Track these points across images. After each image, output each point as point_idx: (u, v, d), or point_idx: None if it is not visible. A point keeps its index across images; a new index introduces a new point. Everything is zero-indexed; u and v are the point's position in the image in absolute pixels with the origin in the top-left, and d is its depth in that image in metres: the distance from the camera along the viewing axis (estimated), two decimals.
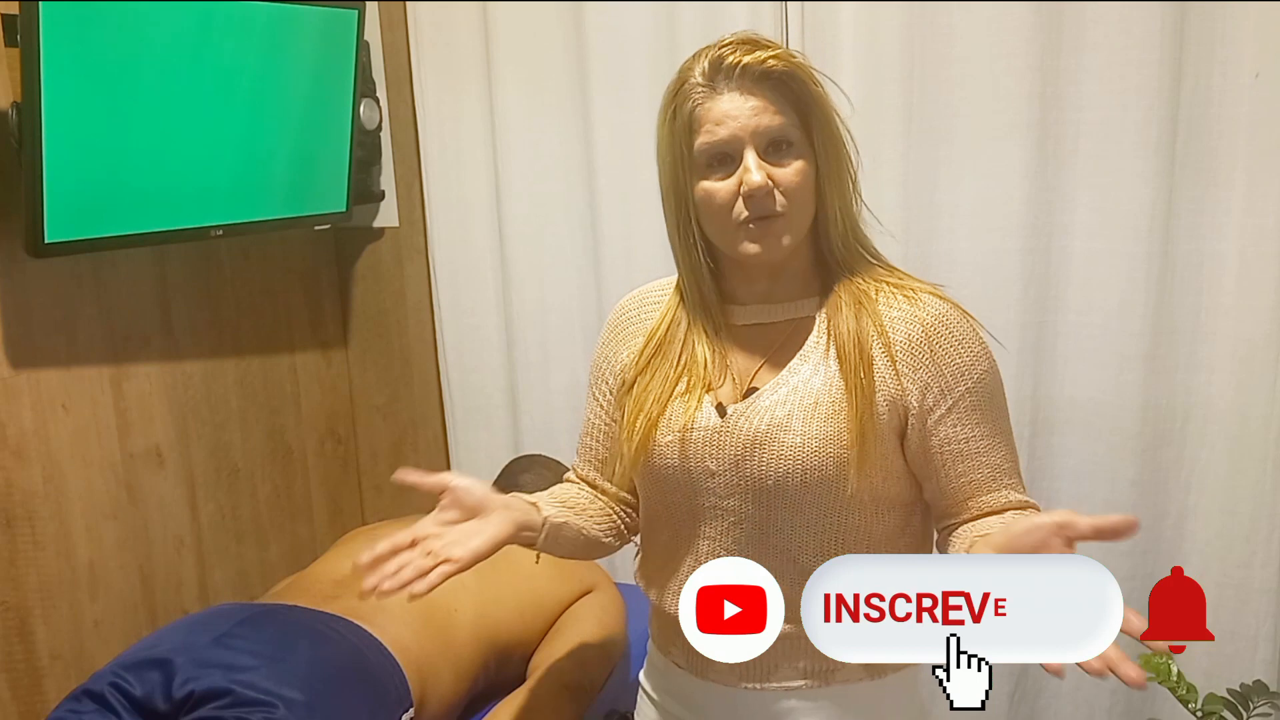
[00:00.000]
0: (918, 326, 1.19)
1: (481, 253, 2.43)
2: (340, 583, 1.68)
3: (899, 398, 1.18)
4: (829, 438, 1.17)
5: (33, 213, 1.74)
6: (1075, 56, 1.89)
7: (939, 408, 1.19)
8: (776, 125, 1.15)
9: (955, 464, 1.20)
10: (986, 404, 1.20)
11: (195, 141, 1.99)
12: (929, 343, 1.18)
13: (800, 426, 1.18)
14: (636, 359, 1.30)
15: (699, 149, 1.17)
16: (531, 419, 2.45)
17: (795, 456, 1.17)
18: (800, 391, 1.19)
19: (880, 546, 1.23)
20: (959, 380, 1.19)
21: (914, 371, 1.18)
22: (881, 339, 1.19)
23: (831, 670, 1.23)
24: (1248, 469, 1.89)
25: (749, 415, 1.20)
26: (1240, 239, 1.84)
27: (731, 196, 1.16)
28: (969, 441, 1.19)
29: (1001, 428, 1.22)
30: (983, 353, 1.21)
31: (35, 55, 1.67)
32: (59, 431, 1.96)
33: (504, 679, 1.71)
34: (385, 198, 2.53)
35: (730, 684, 1.27)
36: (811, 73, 1.18)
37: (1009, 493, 1.21)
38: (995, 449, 1.21)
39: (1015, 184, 1.96)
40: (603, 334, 1.38)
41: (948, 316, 1.20)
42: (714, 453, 1.21)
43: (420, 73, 2.39)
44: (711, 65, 1.16)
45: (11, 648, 1.88)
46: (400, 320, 2.60)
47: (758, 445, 1.19)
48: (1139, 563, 1.98)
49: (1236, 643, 1.92)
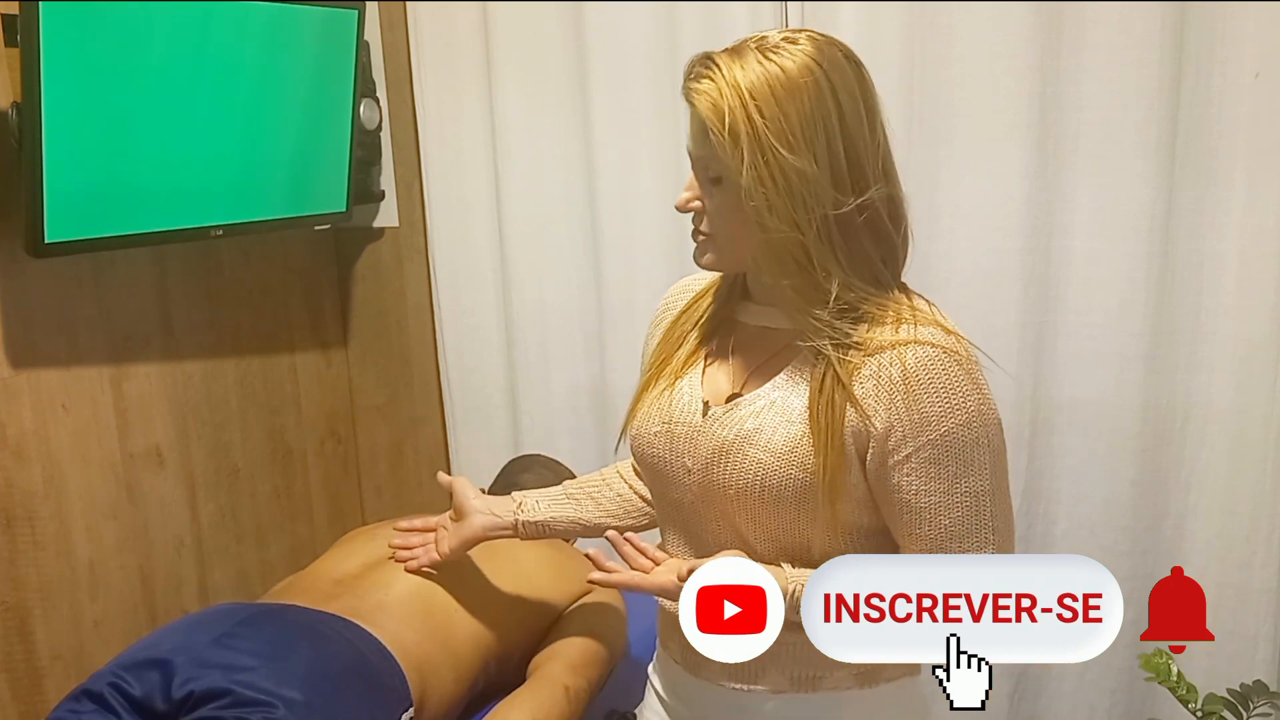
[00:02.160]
0: (899, 366, 1.12)
1: (481, 253, 2.43)
2: (340, 582, 1.68)
3: (864, 431, 1.14)
4: (792, 459, 1.15)
5: (33, 213, 1.74)
6: (1075, 56, 1.89)
7: (896, 454, 1.13)
8: (699, 154, 1.15)
9: (901, 515, 1.16)
10: (951, 459, 1.12)
11: (195, 141, 1.98)
12: (907, 384, 1.11)
13: (765, 441, 1.16)
14: (657, 344, 1.32)
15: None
16: (531, 419, 2.45)
17: (757, 471, 1.16)
18: (776, 407, 1.18)
19: None
20: (924, 429, 1.11)
21: (884, 409, 1.12)
22: (871, 371, 1.13)
23: (819, 677, 1.22)
24: (1248, 469, 1.89)
25: (725, 421, 1.20)
26: (1240, 239, 1.84)
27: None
28: (917, 495, 1.13)
29: (965, 489, 1.13)
30: (961, 406, 1.12)
31: (35, 55, 1.67)
32: (59, 431, 1.96)
33: (504, 679, 1.71)
34: (385, 198, 2.53)
35: (720, 683, 1.27)
36: (725, 135, 1.09)
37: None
38: (947, 510, 1.13)
39: (1015, 184, 1.96)
40: (650, 327, 1.39)
41: (935, 362, 1.12)
42: (692, 450, 1.21)
43: (420, 73, 2.39)
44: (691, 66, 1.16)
45: (11, 648, 1.88)
46: (400, 320, 2.60)
47: (725, 452, 1.18)
48: (1139, 563, 1.98)
49: (1236, 643, 1.92)
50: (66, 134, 1.75)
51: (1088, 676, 2.04)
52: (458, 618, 1.66)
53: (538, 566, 1.79)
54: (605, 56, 2.21)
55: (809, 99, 1.10)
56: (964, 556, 1.18)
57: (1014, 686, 2.10)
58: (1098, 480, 2.01)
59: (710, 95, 1.10)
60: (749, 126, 1.09)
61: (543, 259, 2.37)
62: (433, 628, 1.62)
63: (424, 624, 1.62)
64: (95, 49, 1.77)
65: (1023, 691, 2.10)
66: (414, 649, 1.57)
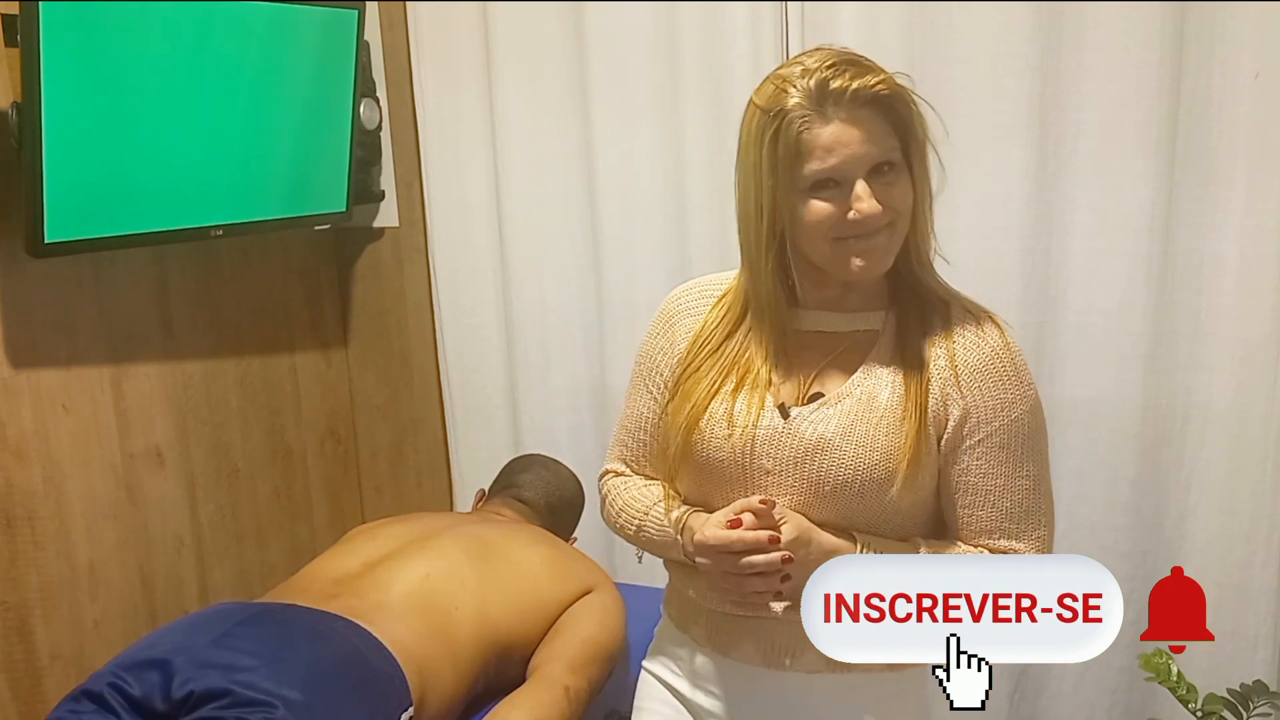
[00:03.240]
0: (979, 352, 1.22)
1: (481, 253, 2.43)
2: (340, 581, 1.68)
3: (942, 416, 1.21)
4: (889, 450, 1.20)
5: (33, 213, 1.74)
6: (1075, 56, 1.89)
7: (971, 437, 1.21)
8: (883, 151, 1.18)
9: (964, 496, 1.23)
10: (1016, 445, 1.22)
11: (195, 141, 1.99)
12: (985, 370, 1.21)
13: (862, 436, 1.21)
14: (687, 352, 1.31)
15: (808, 173, 1.18)
16: (531, 419, 2.45)
17: (855, 464, 1.20)
18: (864, 402, 1.22)
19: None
20: (997, 414, 1.21)
21: (964, 396, 1.21)
22: (949, 358, 1.22)
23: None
24: (1248, 469, 1.89)
25: (813, 420, 1.23)
26: (1240, 239, 1.84)
27: (839, 218, 1.18)
28: (985, 478, 1.22)
29: (1026, 472, 1.22)
30: (1028, 393, 1.23)
31: (35, 55, 1.67)
32: (59, 431, 1.96)
33: (504, 679, 1.71)
34: (385, 198, 2.53)
35: (753, 664, 1.28)
36: (912, 96, 1.20)
37: (1009, 542, 1.22)
38: (1010, 493, 1.22)
39: (1015, 184, 1.96)
40: (653, 324, 1.38)
41: (1007, 349, 1.23)
42: (772, 453, 1.23)
43: (420, 73, 2.39)
44: (818, 88, 1.16)
45: (11, 648, 1.88)
46: (400, 320, 2.60)
47: (820, 450, 1.21)
48: (1139, 563, 1.98)
49: (1236, 643, 1.91)
50: (66, 134, 1.75)
51: (1088, 676, 2.04)
52: (458, 617, 1.66)
53: (538, 566, 1.79)
54: (605, 56, 2.21)
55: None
56: (965, 557, 1.19)
57: (1014, 686, 2.10)
58: (1098, 480, 2.01)
59: (889, 84, 1.17)
60: (917, 109, 1.20)
61: (543, 259, 2.37)
62: (433, 627, 1.62)
63: (424, 623, 1.62)
64: (95, 49, 1.77)
65: (1023, 691, 2.10)
66: (414, 648, 1.57)
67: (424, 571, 1.69)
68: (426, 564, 1.71)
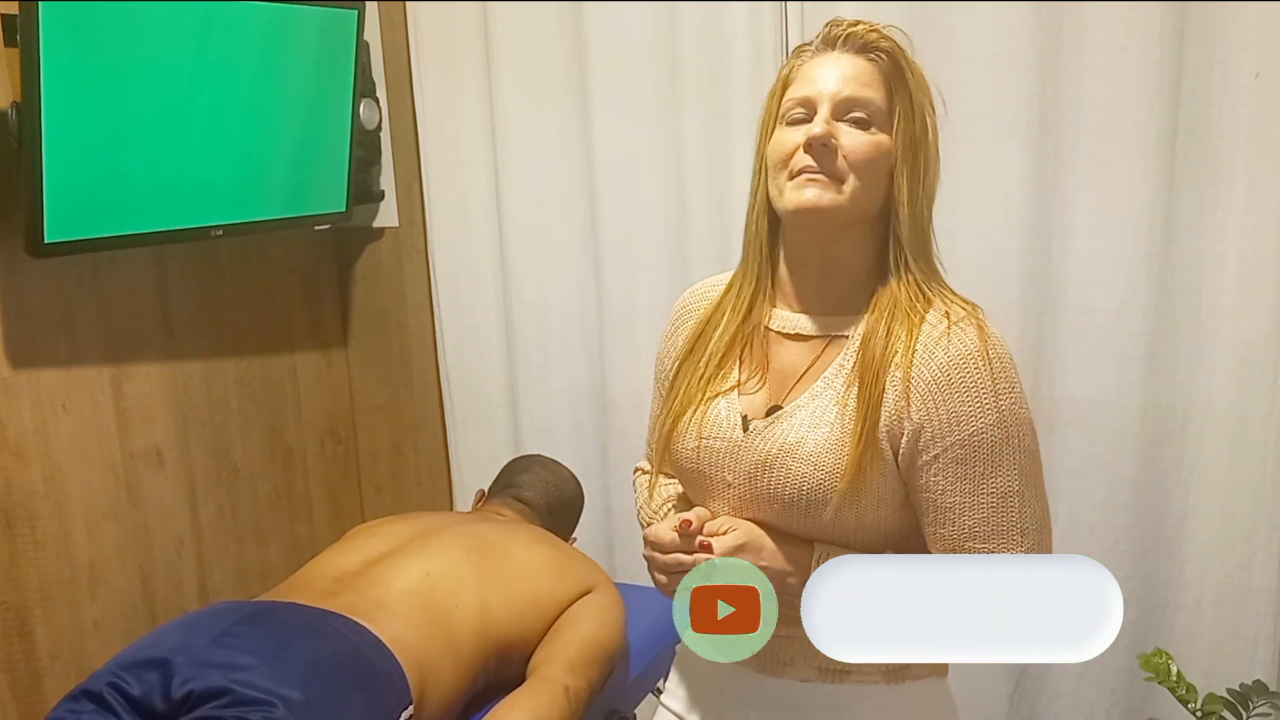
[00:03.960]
0: (935, 363, 1.15)
1: (481, 253, 2.43)
2: (340, 580, 1.68)
3: (896, 431, 1.16)
4: (833, 470, 1.16)
5: (33, 213, 1.74)
6: (1075, 56, 1.89)
7: (925, 453, 1.15)
8: (859, 94, 1.17)
9: (927, 514, 1.17)
10: (977, 459, 1.14)
11: (195, 141, 1.99)
12: (939, 382, 1.14)
13: (807, 454, 1.17)
14: (679, 354, 1.31)
15: (784, 104, 1.19)
16: (531, 419, 2.45)
17: (799, 482, 1.17)
18: (816, 416, 1.19)
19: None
20: (953, 428, 1.13)
21: (915, 411, 1.15)
22: (905, 371, 1.15)
23: (845, 670, 1.23)
24: (1248, 469, 1.89)
25: (766, 435, 1.20)
26: (1240, 239, 1.84)
27: (795, 147, 1.17)
28: (943, 495, 1.15)
29: (993, 488, 1.14)
30: (991, 406, 1.14)
31: (35, 55, 1.67)
32: (59, 431, 1.96)
33: (504, 679, 1.71)
34: (385, 198, 2.53)
35: (752, 670, 1.28)
36: (911, 64, 1.20)
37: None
38: (973, 510, 1.15)
39: (1015, 184, 1.95)
40: (666, 327, 1.39)
41: (969, 360, 1.14)
42: (732, 465, 1.22)
43: (420, 73, 2.39)
44: (823, 34, 1.20)
45: (11, 648, 1.88)
46: (400, 320, 2.60)
47: (768, 466, 1.19)
48: (1139, 563, 1.98)
49: (1236, 643, 1.91)
50: (66, 134, 1.75)
51: (1088, 676, 2.04)
52: (458, 615, 1.66)
53: (538, 566, 1.79)
54: (605, 56, 2.21)
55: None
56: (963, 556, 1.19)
57: (1014, 686, 2.09)
58: (1098, 480, 2.01)
59: (890, 40, 1.18)
60: (915, 79, 1.20)
61: (543, 259, 2.37)
62: (433, 625, 1.62)
63: (424, 622, 1.62)
64: (95, 49, 1.77)
65: (1023, 691, 2.10)
66: (414, 647, 1.57)
67: (424, 570, 1.69)
68: (427, 562, 1.71)
